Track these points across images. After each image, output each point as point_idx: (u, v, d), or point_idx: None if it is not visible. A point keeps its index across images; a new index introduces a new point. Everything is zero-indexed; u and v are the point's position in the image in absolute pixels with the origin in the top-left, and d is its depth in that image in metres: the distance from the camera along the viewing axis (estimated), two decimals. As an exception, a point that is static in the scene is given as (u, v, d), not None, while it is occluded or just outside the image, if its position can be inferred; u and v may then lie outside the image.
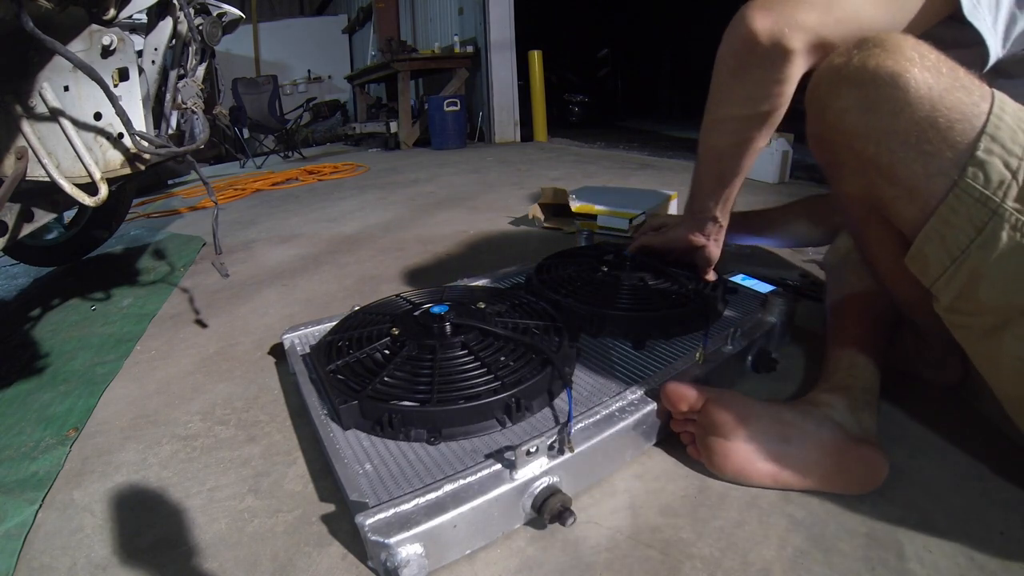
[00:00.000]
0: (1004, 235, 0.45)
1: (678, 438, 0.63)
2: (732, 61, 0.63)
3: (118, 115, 0.72)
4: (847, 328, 0.70)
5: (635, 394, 0.65)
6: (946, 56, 0.47)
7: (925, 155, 0.47)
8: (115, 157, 0.76)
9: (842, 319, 0.72)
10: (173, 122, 0.91)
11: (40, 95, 0.72)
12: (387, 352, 0.71)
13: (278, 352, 0.97)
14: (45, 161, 0.74)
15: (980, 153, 0.45)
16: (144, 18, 0.81)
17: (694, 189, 0.82)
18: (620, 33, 8.08)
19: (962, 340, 0.52)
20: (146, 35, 0.84)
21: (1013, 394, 0.51)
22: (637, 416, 0.62)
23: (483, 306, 0.79)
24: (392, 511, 0.49)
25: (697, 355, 0.73)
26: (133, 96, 0.75)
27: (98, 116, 0.74)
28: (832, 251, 0.83)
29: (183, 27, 0.86)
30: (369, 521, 0.48)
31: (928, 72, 0.46)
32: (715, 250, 0.88)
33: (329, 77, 7.72)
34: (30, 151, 0.74)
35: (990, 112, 0.45)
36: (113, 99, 0.71)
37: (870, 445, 0.57)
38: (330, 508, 0.60)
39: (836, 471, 0.56)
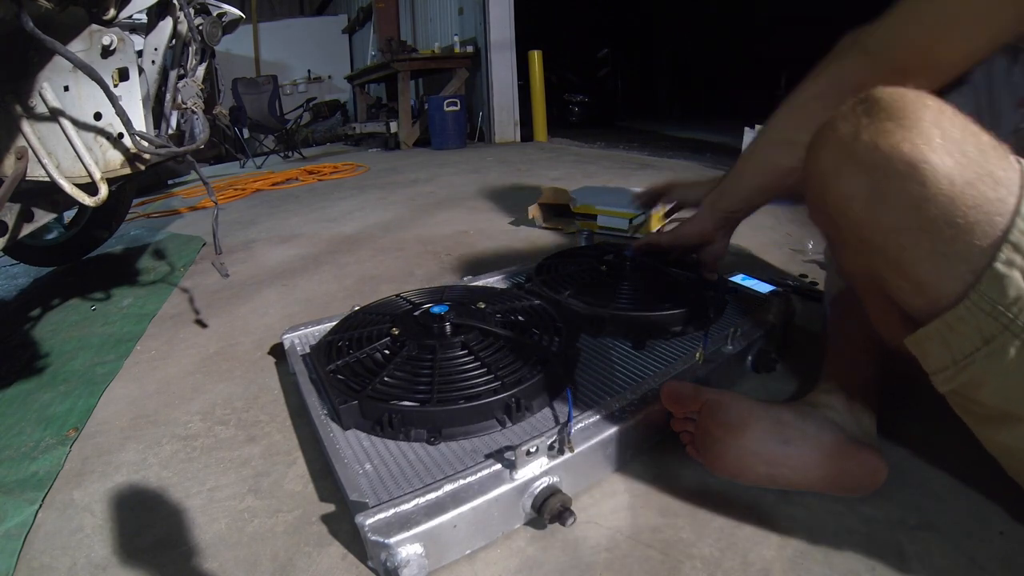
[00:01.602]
0: (1012, 350, 0.41)
1: (678, 438, 0.63)
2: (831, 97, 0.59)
3: (118, 115, 0.72)
4: (847, 327, 0.70)
5: (635, 394, 0.66)
6: (974, 125, 0.42)
7: (937, 255, 0.42)
8: (115, 157, 0.76)
9: (842, 318, 0.72)
10: (173, 122, 0.90)
11: (40, 95, 0.72)
12: (387, 352, 0.71)
13: (278, 352, 0.97)
14: (45, 161, 0.74)
15: (999, 265, 0.39)
16: (144, 18, 0.81)
17: (728, 189, 0.81)
18: (620, 33, 8.08)
19: (958, 412, 0.50)
20: (146, 35, 0.84)
21: (1005, 464, 0.50)
22: (637, 416, 0.62)
23: (483, 306, 0.79)
24: (392, 511, 0.49)
25: (697, 355, 0.73)
26: (133, 96, 0.75)
27: (98, 116, 0.74)
28: None
29: (183, 27, 0.86)
30: (369, 521, 0.48)
31: (950, 158, 0.40)
32: (723, 247, 0.89)
33: (329, 77, 7.72)
34: (30, 151, 0.74)
35: (1016, 213, 0.39)
36: (113, 99, 0.70)
37: (870, 448, 0.56)
38: (330, 508, 0.60)
39: (835, 473, 0.55)
